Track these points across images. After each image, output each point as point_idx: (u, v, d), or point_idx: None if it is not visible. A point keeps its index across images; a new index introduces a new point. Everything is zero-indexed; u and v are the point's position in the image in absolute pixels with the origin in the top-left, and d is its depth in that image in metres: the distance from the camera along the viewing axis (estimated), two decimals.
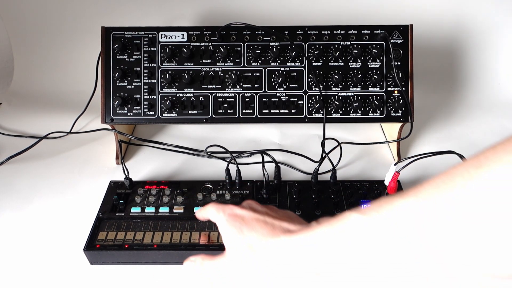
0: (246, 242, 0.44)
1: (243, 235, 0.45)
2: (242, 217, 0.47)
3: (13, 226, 0.70)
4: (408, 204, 0.34)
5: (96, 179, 0.80)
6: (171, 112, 0.79)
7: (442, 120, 0.98)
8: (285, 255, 0.42)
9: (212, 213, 0.52)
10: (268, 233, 0.44)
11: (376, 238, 0.35)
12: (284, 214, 0.50)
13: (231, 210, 0.49)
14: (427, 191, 0.33)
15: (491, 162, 0.29)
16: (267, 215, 0.47)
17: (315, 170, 0.74)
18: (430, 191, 0.33)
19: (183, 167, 0.84)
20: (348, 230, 0.37)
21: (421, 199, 0.33)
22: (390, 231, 0.34)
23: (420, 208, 0.33)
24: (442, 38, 1.09)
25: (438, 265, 0.33)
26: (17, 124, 0.98)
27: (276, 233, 0.44)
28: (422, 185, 0.34)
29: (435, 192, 0.32)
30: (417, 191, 0.34)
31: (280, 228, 0.45)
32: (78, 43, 1.09)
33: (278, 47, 0.79)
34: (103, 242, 0.62)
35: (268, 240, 0.44)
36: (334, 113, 0.80)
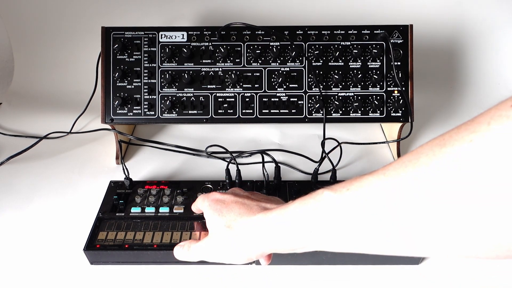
0: (224, 222, 0.47)
1: (222, 216, 0.48)
2: (223, 201, 0.50)
3: (13, 226, 0.70)
4: (376, 181, 0.35)
5: (96, 179, 0.80)
6: (171, 112, 0.79)
7: (442, 120, 0.98)
8: (260, 232, 0.44)
9: (199, 202, 0.54)
10: (245, 212, 0.47)
11: (346, 215, 0.36)
12: (265, 197, 0.52)
13: (214, 196, 0.52)
14: (394, 169, 0.34)
15: (454, 140, 0.30)
16: (247, 198, 0.50)
17: (315, 170, 0.74)
18: (397, 169, 0.34)
19: (183, 167, 0.84)
20: (319, 206, 0.38)
21: (388, 177, 0.34)
22: (359, 208, 0.35)
23: (387, 185, 0.34)
24: (442, 38, 1.09)
25: (407, 242, 0.33)
26: (17, 124, 0.98)
27: (253, 212, 0.46)
28: (391, 163, 0.35)
29: (401, 170, 0.33)
30: (385, 169, 0.35)
31: (257, 207, 0.47)
32: (78, 43, 1.09)
33: (278, 47, 0.79)
34: (103, 242, 0.62)
35: (244, 218, 0.46)
36: (334, 113, 0.80)
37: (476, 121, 0.30)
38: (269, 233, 0.43)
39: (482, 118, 0.29)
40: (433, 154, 0.31)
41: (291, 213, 0.41)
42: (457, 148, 0.29)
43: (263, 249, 0.45)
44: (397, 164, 0.34)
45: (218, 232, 0.48)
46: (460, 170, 0.29)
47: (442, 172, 0.30)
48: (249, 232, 0.45)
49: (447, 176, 0.29)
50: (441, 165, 0.30)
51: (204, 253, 0.50)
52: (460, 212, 0.29)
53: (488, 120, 0.28)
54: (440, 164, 0.30)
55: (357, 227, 0.35)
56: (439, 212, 0.30)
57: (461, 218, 0.29)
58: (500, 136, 0.27)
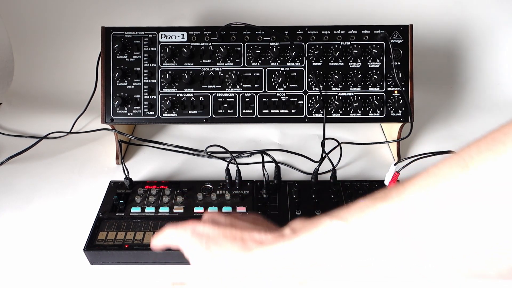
0: (216, 260, 0.42)
1: (211, 253, 0.42)
2: (207, 235, 0.43)
3: (13, 226, 0.70)
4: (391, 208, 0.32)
5: (96, 179, 0.80)
6: (171, 112, 0.79)
7: (442, 120, 0.98)
8: (259, 268, 0.40)
9: (171, 235, 0.47)
10: (240, 248, 0.41)
11: (360, 245, 0.34)
12: (250, 222, 0.46)
13: (193, 228, 0.45)
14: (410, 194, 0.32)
15: (476, 163, 0.29)
16: (233, 227, 0.44)
17: (315, 170, 0.74)
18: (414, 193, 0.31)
19: (183, 167, 0.84)
20: (329, 237, 0.36)
21: (404, 203, 0.32)
22: (374, 237, 0.33)
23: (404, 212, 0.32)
24: (442, 38, 1.09)
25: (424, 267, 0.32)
26: (17, 124, 0.98)
27: (248, 247, 0.41)
28: (404, 185, 0.33)
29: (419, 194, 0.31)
30: (400, 193, 0.32)
31: (251, 240, 0.42)
32: (78, 43, 1.09)
33: (278, 47, 0.79)
34: (103, 242, 0.62)
35: (239, 255, 0.41)
36: (334, 113, 0.80)
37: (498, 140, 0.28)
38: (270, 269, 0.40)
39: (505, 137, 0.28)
40: (454, 177, 0.29)
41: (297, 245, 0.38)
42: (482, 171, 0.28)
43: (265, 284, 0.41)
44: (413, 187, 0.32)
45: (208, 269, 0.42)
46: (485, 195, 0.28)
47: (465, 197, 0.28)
48: (249, 270, 0.40)
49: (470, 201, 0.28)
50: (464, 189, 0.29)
51: None
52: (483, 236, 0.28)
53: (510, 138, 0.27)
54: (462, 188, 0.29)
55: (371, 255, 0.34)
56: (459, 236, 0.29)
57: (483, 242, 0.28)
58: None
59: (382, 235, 0.33)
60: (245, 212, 0.67)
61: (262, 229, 0.43)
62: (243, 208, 0.68)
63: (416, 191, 0.32)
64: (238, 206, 0.68)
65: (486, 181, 0.28)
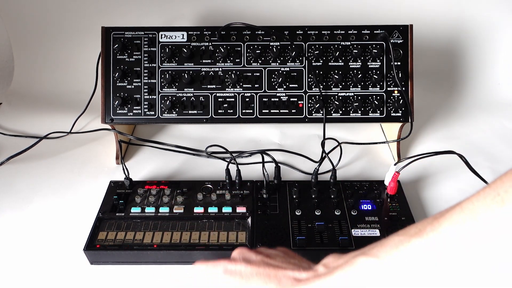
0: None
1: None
2: (240, 273, 0.43)
3: (13, 226, 0.70)
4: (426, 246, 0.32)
5: (96, 179, 0.80)
6: (171, 112, 0.79)
7: (442, 120, 0.98)
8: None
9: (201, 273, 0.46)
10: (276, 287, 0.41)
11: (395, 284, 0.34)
12: (282, 257, 0.46)
13: (225, 267, 0.44)
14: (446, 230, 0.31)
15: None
16: (266, 266, 0.43)
17: (315, 170, 0.74)
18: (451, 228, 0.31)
19: (183, 167, 0.84)
20: (363, 276, 0.36)
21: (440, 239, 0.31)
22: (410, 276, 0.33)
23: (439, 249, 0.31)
24: (442, 38, 1.09)
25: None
26: (17, 124, 0.98)
27: (283, 285, 0.40)
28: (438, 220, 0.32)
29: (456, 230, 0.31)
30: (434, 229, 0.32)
31: (286, 278, 0.41)
32: (78, 43, 1.09)
33: (278, 47, 0.79)
34: (103, 242, 0.62)
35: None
36: (334, 113, 0.79)
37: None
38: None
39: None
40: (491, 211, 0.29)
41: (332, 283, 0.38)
42: None
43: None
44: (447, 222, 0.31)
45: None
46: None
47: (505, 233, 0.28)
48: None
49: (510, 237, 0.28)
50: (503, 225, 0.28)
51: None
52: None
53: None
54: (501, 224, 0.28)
55: None
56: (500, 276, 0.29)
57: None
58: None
59: (417, 272, 0.33)
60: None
61: (295, 267, 0.43)
62: (243, 208, 0.67)
63: (451, 227, 0.31)
64: (238, 206, 0.68)
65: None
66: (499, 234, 0.28)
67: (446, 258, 0.31)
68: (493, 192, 0.29)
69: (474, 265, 0.30)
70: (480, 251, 0.29)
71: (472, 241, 0.30)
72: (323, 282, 0.38)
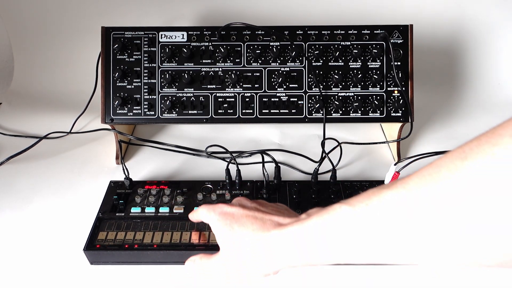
0: (237, 238, 0.46)
1: (234, 232, 0.46)
2: (232, 214, 0.48)
3: (13, 226, 0.70)
4: (395, 196, 0.34)
5: (96, 179, 0.80)
6: (171, 112, 0.79)
7: (442, 120, 0.98)
8: (277, 248, 0.43)
9: (203, 214, 0.52)
10: (259, 228, 0.45)
11: (366, 230, 0.36)
12: (274, 208, 0.51)
13: (221, 209, 0.50)
14: (414, 183, 0.33)
15: (475, 154, 0.30)
16: (257, 211, 0.48)
17: (315, 170, 0.74)
18: (418, 183, 0.33)
19: (183, 167, 0.84)
20: (337, 222, 0.38)
21: (409, 191, 0.33)
22: (379, 224, 0.35)
23: (408, 200, 0.33)
24: (442, 38, 1.09)
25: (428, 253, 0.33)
26: (17, 124, 0.98)
27: (267, 227, 0.45)
28: (410, 176, 0.35)
29: (422, 184, 0.33)
30: (405, 183, 0.34)
31: (270, 222, 0.46)
32: (78, 43, 1.09)
33: (278, 47, 0.79)
34: (103, 242, 0.62)
35: (258, 234, 0.45)
36: (334, 113, 0.80)
37: (497, 133, 0.29)
38: (286, 250, 0.42)
39: (503, 130, 0.29)
40: (454, 167, 0.31)
41: (308, 229, 0.40)
42: (480, 161, 0.29)
43: (280, 265, 0.43)
44: (417, 177, 0.33)
45: (231, 249, 0.46)
46: (484, 184, 0.28)
47: (465, 186, 0.30)
48: (265, 248, 0.44)
49: (470, 190, 0.29)
50: (464, 178, 0.30)
51: (216, 270, 0.48)
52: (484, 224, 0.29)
53: (510, 132, 0.28)
54: (462, 178, 0.30)
55: (377, 241, 0.35)
56: (461, 225, 0.30)
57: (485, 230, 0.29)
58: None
59: (385, 221, 0.34)
60: None
61: (282, 215, 0.47)
62: None
63: (419, 182, 0.33)
64: None
65: (483, 172, 0.29)
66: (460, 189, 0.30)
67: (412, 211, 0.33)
68: (460, 150, 0.31)
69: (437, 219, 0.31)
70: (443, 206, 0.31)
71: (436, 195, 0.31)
72: (301, 226, 0.41)
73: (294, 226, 0.42)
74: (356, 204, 0.37)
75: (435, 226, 0.31)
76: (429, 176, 0.32)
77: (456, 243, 0.31)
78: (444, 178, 0.31)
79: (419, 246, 0.33)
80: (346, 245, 0.37)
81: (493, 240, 0.29)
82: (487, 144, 0.29)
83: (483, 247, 0.30)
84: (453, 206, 0.30)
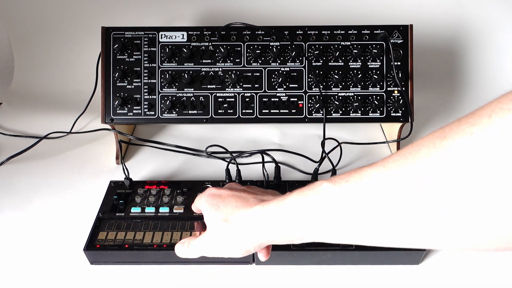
0: (221, 216, 0.47)
1: (219, 210, 0.48)
2: (219, 195, 0.50)
3: (13, 226, 0.70)
4: (375, 174, 0.34)
5: (96, 179, 0.80)
6: (171, 112, 0.79)
7: (442, 120, 0.98)
8: (258, 223, 0.44)
9: (196, 200, 0.55)
10: (242, 205, 0.46)
11: (345, 206, 0.36)
12: (261, 190, 0.52)
13: (210, 191, 0.51)
14: (394, 161, 0.34)
15: (454, 133, 0.30)
16: (243, 191, 0.49)
17: (315, 170, 0.74)
18: (397, 161, 0.33)
19: (183, 167, 0.84)
20: (318, 198, 0.38)
21: (388, 169, 0.34)
22: (358, 200, 0.35)
23: (387, 177, 0.33)
24: (442, 38, 1.09)
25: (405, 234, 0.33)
26: (17, 124, 0.98)
27: (249, 204, 0.46)
28: (391, 155, 0.35)
29: (401, 162, 0.33)
30: (385, 161, 0.34)
31: (254, 199, 0.47)
32: (78, 43, 1.09)
33: (278, 47, 0.79)
34: (103, 242, 0.62)
35: (241, 211, 0.46)
36: (334, 113, 0.80)
37: (477, 113, 0.30)
38: (267, 225, 0.43)
39: (483, 111, 0.29)
40: (433, 146, 0.31)
41: (289, 204, 0.41)
42: (458, 140, 0.29)
43: (261, 240, 0.44)
44: (397, 156, 0.34)
45: (215, 226, 0.48)
46: (461, 163, 0.28)
47: (443, 165, 0.30)
48: (246, 224, 0.45)
49: (448, 169, 0.29)
50: (442, 157, 0.30)
51: (203, 248, 0.50)
52: (460, 204, 0.29)
53: (489, 113, 0.28)
54: (440, 157, 0.30)
55: (355, 218, 0.35)
56: (438, 204, 0.30)
57: (461, 210, 0.29)
58: (501, 128, 0.27)
59: (364, 197, 0.35)
60: None
61: (268, 194, 0.49)
62: None
63: (399, 160, 0.33)
64: None
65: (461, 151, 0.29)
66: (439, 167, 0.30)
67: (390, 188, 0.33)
68: (441, 130, 0.32)
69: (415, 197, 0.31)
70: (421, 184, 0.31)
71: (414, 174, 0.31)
72: (282, 201, 0.42)
73: (276, 202, 0.43)
74: (337, 181, 0.37)
75: (413, 204, 0.31)
76: (409, 154, 0.32)
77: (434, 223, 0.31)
78: (422, 156, 0.31)
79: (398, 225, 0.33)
80: (326, 222, 0.38)
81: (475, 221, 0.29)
82: (466, 124, 0.30)
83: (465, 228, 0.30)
84: (431, 185, 0.30)
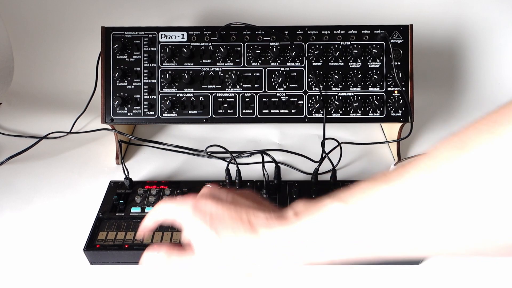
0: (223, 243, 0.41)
1: (219, 235, 0.41)
2: (211, 214, 0.42)
3: (13, 226, 0.70)
4: (392, 191, 0.33)
5: (96, 179, 0.80)
6: (171, 112, 0.79)
7: (442, 120, 0.98)
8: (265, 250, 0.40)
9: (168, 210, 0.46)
10: (246, 231, 0.41)
11: (361, 227, 0.34)
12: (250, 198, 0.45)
13: (194, 204, 0.43)
14: (412, 176, 0.32)
15: (474, 143, 0.29)
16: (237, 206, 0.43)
17: (315, 170, 0.74)
18: (415, 176, 0.32)
19: (183, 167, 0.84)
20: (330, 221, 0.36)
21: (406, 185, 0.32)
22: (375, 220, 0.33)
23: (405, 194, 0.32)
24: (442, 38, 1.09)
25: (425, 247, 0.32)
26: (17, 124, 0.98)
27: (255, 229, 0.41)
28: (405, 167, 0.33)
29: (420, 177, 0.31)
30: (401, 176, 0.33)
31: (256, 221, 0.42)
32: (78, 43, 1.09)
33: (278, 47, 0.79)
34: (103, 242, 0.62)
35: (247, 237, 0.41)
36: (334, 113, 0.80)
37: (494, 120, 0.29)
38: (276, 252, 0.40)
39: (500, 117, 0.28)
40: (453, 158, 0.30)
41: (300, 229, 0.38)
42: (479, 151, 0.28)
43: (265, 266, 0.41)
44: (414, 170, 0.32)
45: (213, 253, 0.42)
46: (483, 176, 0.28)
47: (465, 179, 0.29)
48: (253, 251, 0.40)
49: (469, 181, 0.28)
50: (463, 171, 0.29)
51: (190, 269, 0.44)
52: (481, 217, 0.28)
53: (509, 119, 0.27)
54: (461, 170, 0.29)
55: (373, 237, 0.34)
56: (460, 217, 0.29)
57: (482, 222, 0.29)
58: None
59: (381, 217, 0.33)
60: None
61: (265, 209, 0.43)
62: None
63: (416, 174, 0.32)
64: None
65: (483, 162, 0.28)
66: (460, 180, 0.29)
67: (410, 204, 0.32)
68: (457, 139, 0.31)
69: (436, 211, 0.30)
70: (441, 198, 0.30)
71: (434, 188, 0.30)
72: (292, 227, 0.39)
73: (284, 227, 0.39)
74: (349, 200, 0.35)
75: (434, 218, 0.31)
76: (428, 168, 0.31)
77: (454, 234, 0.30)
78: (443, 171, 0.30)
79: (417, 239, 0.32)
80: (341, 243, 0.36)
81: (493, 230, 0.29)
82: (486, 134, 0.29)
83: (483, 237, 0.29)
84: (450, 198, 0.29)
